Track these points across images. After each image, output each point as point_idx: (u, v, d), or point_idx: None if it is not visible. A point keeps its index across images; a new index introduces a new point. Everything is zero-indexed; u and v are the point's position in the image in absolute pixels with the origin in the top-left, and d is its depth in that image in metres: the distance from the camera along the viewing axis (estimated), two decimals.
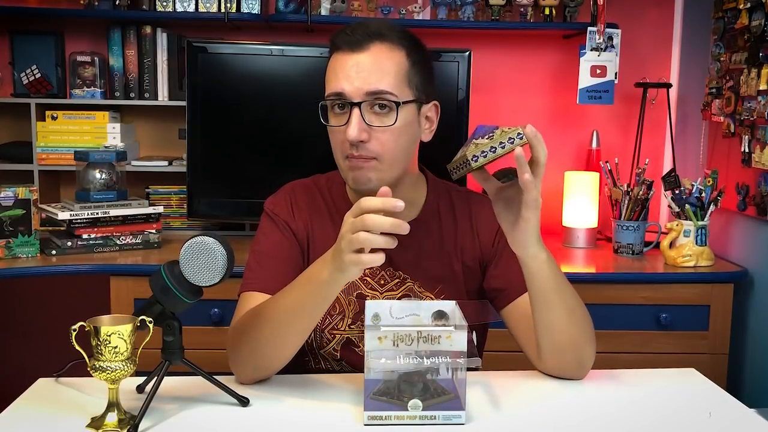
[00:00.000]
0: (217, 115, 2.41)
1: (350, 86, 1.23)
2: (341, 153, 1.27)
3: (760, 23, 2.13)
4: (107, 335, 1.03)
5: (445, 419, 1.07)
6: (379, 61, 1.24)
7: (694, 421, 1.13)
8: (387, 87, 1.23)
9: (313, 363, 1.37)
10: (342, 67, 1.25)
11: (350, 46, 1.25)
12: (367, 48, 1.24)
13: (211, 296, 1.15)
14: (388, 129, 1.24)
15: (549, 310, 1.20)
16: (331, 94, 1.25)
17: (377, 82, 1.23)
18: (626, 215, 2.37)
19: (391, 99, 1.24)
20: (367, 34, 1.25)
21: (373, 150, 1.24)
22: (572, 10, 2.53)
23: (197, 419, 1.11)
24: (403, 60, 1.26)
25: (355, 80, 1.23)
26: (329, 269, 1.10)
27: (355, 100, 1.23)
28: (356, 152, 1.24)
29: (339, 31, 1.29)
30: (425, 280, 1.35)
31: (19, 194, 2.17)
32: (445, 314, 1.18)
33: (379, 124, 1.24)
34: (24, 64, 2.51)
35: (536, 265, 1.16)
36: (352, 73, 1.23)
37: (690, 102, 2.65)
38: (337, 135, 1.27)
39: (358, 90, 1.23)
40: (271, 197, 1.41)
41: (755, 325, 2.24)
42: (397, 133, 1.25)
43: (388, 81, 1.24)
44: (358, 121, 1.22)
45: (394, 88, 1.24)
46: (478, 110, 2.53)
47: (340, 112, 1.26)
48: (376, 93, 1.23)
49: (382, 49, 1.25)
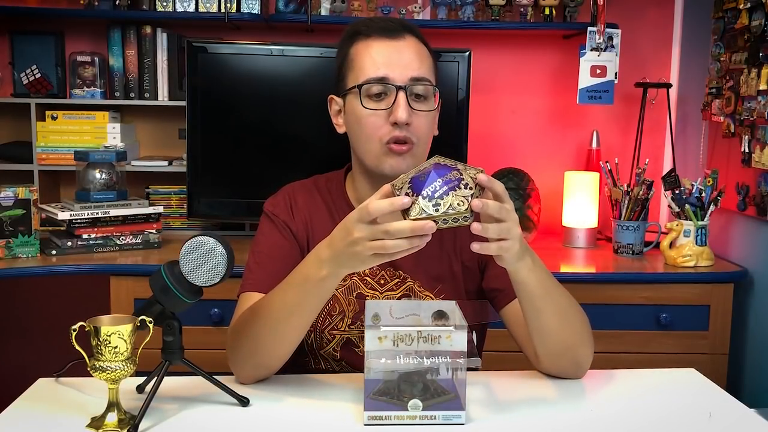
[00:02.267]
0: (217, 115, 2.41)
1: (393, 72, 1.25)
2: (378, 138, 1.26)
3: (760, 23, 2.12)
4: (107, 335, 1.03)
5: (445, 419, 1.07)
6: (417, 50, 1.28)
7: (694, 421, 1.13)
8: (426, 74, 1.28)
9: (313, 363, 1.37)
10: (382, 53, 1.26)
11: (386, 34, 1.27)
12: (403, 37, 1.28)
13: (211, 296, 1.15)
14: (428, 114, 1.28)
15: (540, 315, 1.18)
16: (371, 78, 1.26)
17: (419, 68, 1.27)
18: (626, 215, 2.37)
19: (430, 85, 1.28)
20: (401, 25, 1.29)
21: (414, 133, 1.26)
22: (572, 10, 2.53)
23: (197, 419, 1.11)
24: (429, 54, 1.32)
25: (398, 66, 1.25)
26: (328, 268, 1.09)
27: (400, 83, 1.25)
28: (401, 133, 1.24)
29: (363, 21, 1.32)
30: (425, 279, 1.35)
31: (19, 194, 2.17)
32: (445, 314, 1.18)
33: (420, 109, 1.27)
34: (24, 64, 2.51)
35: (522, 274, 1.12)
36: (395, 58, 1.26)
37: (690, 102, 2.65)
38: (373, 120, 1.26)
39: (402, 75, 1.25)
40: (271, 198, 1.41)
41: (755, 325, 2.24)
42: (431, 119, 1.30)
43: (426, 68, 1.28)
44: (405, 103, 1.24)
45: (430, 75, 1.29)
46: (478, 110, 2.53)
47: (378, 99, 1.26)
48: (419, 79, 1.26)
49: (414, 40, 1.29)
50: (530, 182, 2.51)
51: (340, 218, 1.12)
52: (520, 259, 1.10)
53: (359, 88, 1.26)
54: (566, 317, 1.20)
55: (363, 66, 1.27)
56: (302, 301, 1.15)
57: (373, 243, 1.02)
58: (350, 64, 1.30)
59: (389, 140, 1.25)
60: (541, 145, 2.73)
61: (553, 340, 1.21)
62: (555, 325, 1.19)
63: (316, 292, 1.13)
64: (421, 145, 1.28)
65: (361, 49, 1.28)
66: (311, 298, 1.14)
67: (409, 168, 1.16)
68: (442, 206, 0.99)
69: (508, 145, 2.73)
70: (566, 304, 1.21)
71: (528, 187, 2.49)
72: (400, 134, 1.24)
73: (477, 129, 2.51)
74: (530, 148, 2.73)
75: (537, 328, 1.20)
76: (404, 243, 1.01)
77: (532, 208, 2.48)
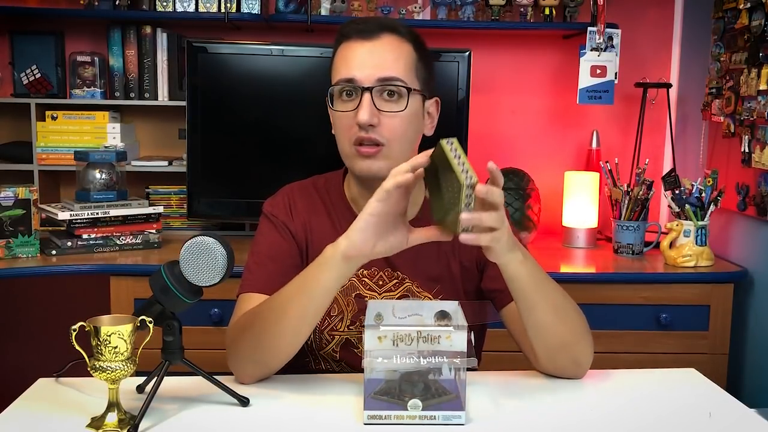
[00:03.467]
0: (217, 115, 2.41)
1: (361, 72, 1.25)
2: (348, 139, 1.27)
3: (760, 23, 2.12)
4: (107, 335, 1.03)
5: (445, 419, 1.07)
6: (390, 50, 1.27)
7: (694, 421, 1.13)
8: (398, 74, 1.26)
9: (313, 364, 1.37)
10: (353, 55, 1.27)
11: (361, 35, 1.27)
12: (378, 37, 1.27)
13: (211, 296, 1.15)
14: (398, 115, 1.26)
15: (533, 310, 1.18)
16: (340, 80, 1.27)
17: (389, 68, 1.25)
18: (626, 215, 2.37)
19: (402, 85, 1.26)
20: (378, 25, 1.28)
21: (383, 135, 1.25)
22: (572, 10, 2.53)
23: (197, 419, 1.11)
24: (411, 52, 1.29)
25: (366, 67, 1.25)
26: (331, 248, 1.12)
27: (366, 85, 1.24)
28: (365, 134, 1.24)
29: (348, 23, 1.32)
30: (423, 280, 1.35)
31: (19, 194, 2.17)
32: (448, 314, 1.18)
33: (389, 110, 1.26)
34: (24, 64, 2.51)
35: (512, 267, 1.13)
36: (365, 59, 1.25)
37: (690, 102, 2.65)
38: (344, 120, 1.27)
39: (369, 76, 1.25)
40: (269, 199, 1.41)
41: (755, 325, 2.24)
42: (406, 121, 1.27)
43: (398, 68, 1.26)
44: (368, 104, 1.24)
45: (404, 75, 1.27)
46: (478, 110, 2.53)
47: (348, 99, 1.27)
48: (388, 79, 1.25)
49: (392, 39, 1.28)
50: (530, 182, 2.51)
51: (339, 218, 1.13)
52: (510, 251, 1.10)
53: (330, 92, 1.29)
54: (561, 313, 1.20)
55: (337, 68, 1.29)
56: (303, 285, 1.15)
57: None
58: (332, 65, 1.32)
59: (355, 141, 1.26)
60: (541, 145, 2.73)
61: (548, 335, 1.20)
62: (550, 321, 1.19)
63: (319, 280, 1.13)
64: (394, 146, 1.26)
65: (340, 51, 1.30)
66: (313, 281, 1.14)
67: (381, 171, 1.19)
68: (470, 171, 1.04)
69: (508, 145, 2.73)
70: (561, 299, 1.21)
71: (528, 187, 2.49)
72: (365, 135, 1.25)
73: (477, 129, 2.51)
74: (530, 148, 2.73)
75: (532, 324, 1.20)
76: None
77: (532, 208, 2.48)
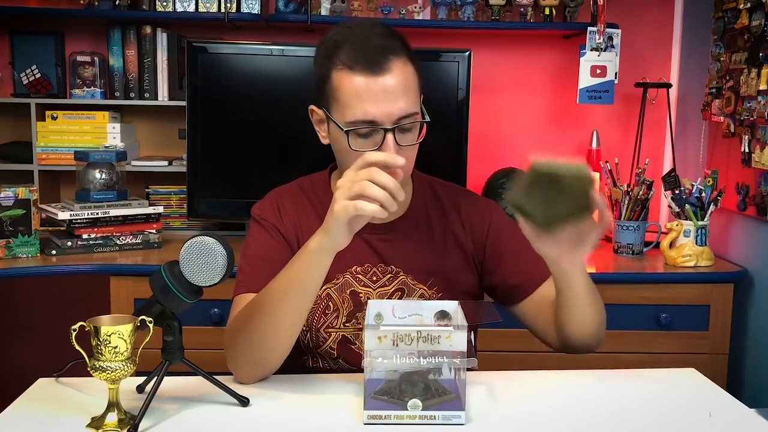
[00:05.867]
0: (217, 115, 2.41)
1: (380, 112, 1.20)
2: None
3: (760, 23, 2.12)
4: (107, 335, 1.03)
5: (445, 419, 1.07)
6: (402, 82, 1.22)
7: (694, 421, 1.13)
8: (413, 108, 1.23)
9: (311, 362, 1.38)
10: (367, 93, 1.20)
11: (370, 68, 1.20)
12: (388, 69, 1.20)
13: (211, 296, 1.15)
14: (413, 146, 1.26)
15: (582, 307, 1.25)
16: (359, 121, 1.20)
17: (406, 106, 1.21)
18: (626, 215, 2.37)
19: (418, 119, 1.24)
20: (380, 53, 1.20)
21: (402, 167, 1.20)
22: (572, 10, 2.53)
23: (197, 419, 1.11)
24: (414, 72, 1.25)
25: (384, 106, 1.19)
26: (316, 238, 1.13)
27: (388, 126, 1.20)
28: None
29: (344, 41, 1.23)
30: (418, 272, 1.36)
31: (19, 194, 2.17)
32: (448, 314, 1.18)
33: (407, 143, 1.24)
34: (24, 64, 2.51)
35: (576, 271, 1.20)
36: (380, 98, 1.19)
37: (690, 102, 2.65)
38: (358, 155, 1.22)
39: (390, 116, 1.20)
40: (258, 203, 1.42)
41: (755, 325, 2.24)
42: (417, 147, 1.28)
43: (412, 101, 1.23)
44: (394, 146, 1.20)
45: (416, 105, 1.25)
46: (478, 110, 2.53)
47: (364, 138, 1.22)
48: (407, 117, 1.22)
49: (399, 66, 1.22)
50: None
51: None
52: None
53: (347, 132, 1.22)
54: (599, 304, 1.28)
55: (349, 104, 1.21)
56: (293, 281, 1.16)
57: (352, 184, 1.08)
58: (333, 92, 1.24)
59: None
60: (541, 145, 2.73)
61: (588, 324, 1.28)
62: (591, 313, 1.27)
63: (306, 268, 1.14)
64: (407, 173, 1.30)
65: (344, 80, 1.21)
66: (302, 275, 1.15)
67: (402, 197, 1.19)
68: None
69: (508, 145, 2.73)
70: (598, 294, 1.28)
71: None
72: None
73: (477, 129, 2.51)
74: (530, 148, 2.73)
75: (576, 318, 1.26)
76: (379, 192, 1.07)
77: None
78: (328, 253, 1.14)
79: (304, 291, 1.16)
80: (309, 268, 1.15)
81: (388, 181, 1.08)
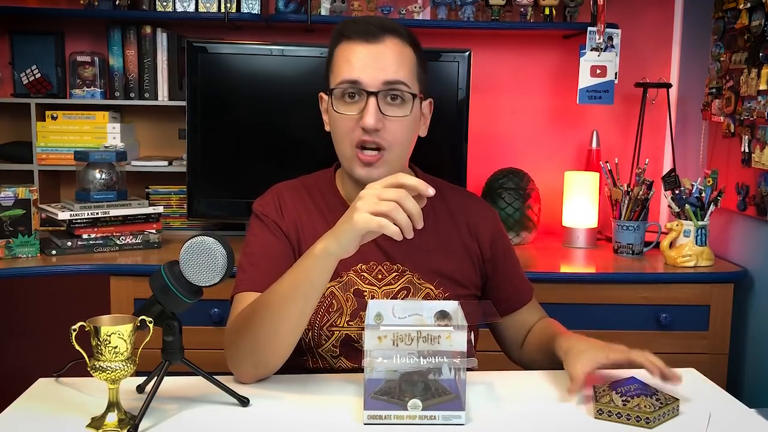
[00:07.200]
0: (217, 115, 2.41)
1: (366, 75, 1.25)
2: (349, 142, 1.28)
3: (760, 23, 2.12)
4: (107, 335, 1.03)
5: (445, 419, 1.07)
6: (394, 53, 1.27)
7: (694, 421, 1.13)
8: (403, 78, 1.26)
9: (311, 362, 1.37)
10: (357, 56, 1.26)
11: (364, 37, 1.26)
12: (381, 40, 1.27)
13: (211, 296, 1.15)
14: (402, 119, 1.27)
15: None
16: (344, 81, 1.26)
17: (395, 72, 1.25)
18: (626, 215, 2.37)
19: (407, 90, 1.27)
20: (380, 27, 1.27)
21: (386, 139, 1.26)
22: (572, 10, 2.53)
23: (197, 419, 1.11)
24: (412, 55, 1.30)
25: (371, 70, 1.25)
26: (323, 242, 1.12)
27: (372, 89, 1.25)
28: (369, 137, 1.25)
29: (346, 22, 1.31)
30: (424, 271, 1.36)
31: (19, 194, 2.17)
32: (448, 314, 1.18)
33: (393, 114, 1.26)
34: (24, 64, 2.51)
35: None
36: (369, 62, 1.25)
37: (690, 102, 2.65)
38: (346, 123, 1.27)
39: (375, 80, 1.25)
40: (259, 199, 1.42)
41: (755, 325, 2.24)
42: (407, 124, 1.29)
43: (404, 72, 1.27)
44: (375, 109, 1.24)
45: (408, 80, 1.27)
46: (478, 110, 2.53)
47: (351, 102, 1.27)
48: (393, 83, 1.25)
49: (395, 43, 1.28)
50: (530, 182, 2.51)
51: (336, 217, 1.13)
52: None
53: (333, 91, 1.29)
54: None
55: (340, 68, 1.28)
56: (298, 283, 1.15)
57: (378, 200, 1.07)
58: (332, 65, 1.31)
59: (358, 144, 1.27)
60: (541, 145, 2.73)
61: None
62: None
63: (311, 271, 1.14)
64: (394, 150, 1.29)
65: (341, 50, 1.29)
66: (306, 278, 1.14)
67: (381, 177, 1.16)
68: (630, 403, 1.10)
69: (508, 145, 2.73)
70: None
71: (528, 187, 2.49)
72: (368, 138, 1.26)
73: (477, 129, 2.51)
74: (530, 148, 2.73)
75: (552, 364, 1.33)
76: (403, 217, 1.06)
77: (532, 208, 2.48)
78: (334, 258, 1.13)
79: (308, 294, 1.16)
80: (314, 271, 1.14)
81: (414, 209, 1.07)
